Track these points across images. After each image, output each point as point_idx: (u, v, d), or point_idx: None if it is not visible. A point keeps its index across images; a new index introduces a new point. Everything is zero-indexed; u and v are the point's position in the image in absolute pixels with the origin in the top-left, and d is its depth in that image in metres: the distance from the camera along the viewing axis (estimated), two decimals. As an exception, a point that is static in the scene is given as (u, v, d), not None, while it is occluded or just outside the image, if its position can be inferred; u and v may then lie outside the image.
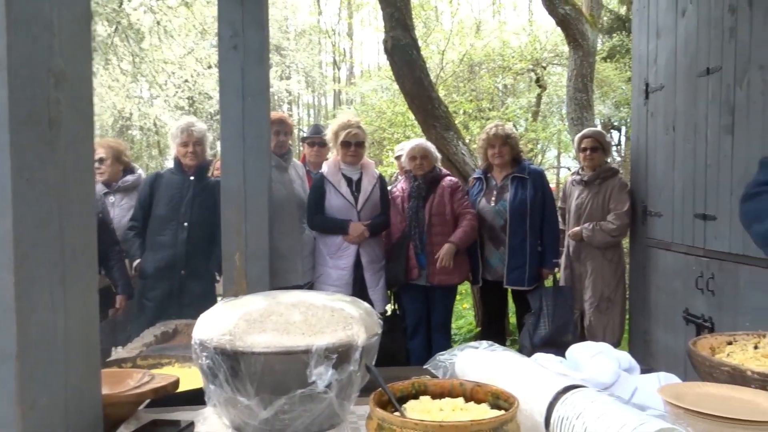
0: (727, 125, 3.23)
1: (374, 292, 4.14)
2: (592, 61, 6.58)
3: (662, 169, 3.96)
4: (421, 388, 0.96)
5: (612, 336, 4.30)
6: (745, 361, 1.09)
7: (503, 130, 4.28)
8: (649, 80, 4.13)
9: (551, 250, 4.23)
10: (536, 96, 12.30)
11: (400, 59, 5.10)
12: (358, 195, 4.13)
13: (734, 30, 3.16)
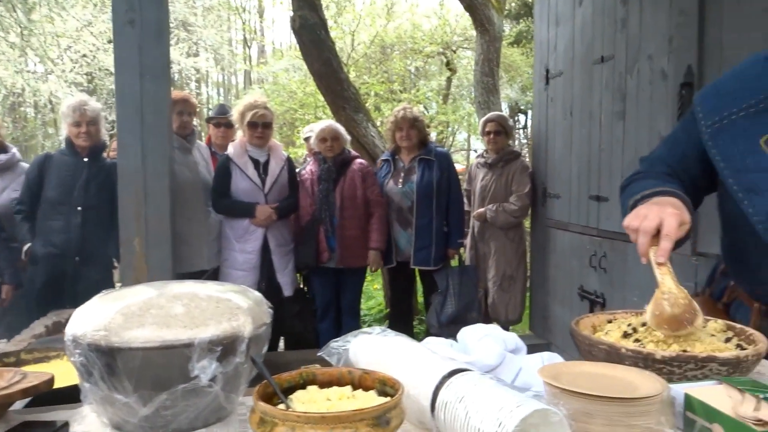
0: (619, 111, 3.40)
1: (283, 275, 4.09)
2: (498, 46, 6.73)
3: (561, 153, 4.12)
4: (309, 377, 0.95)
5: (513, 312, 4.48)
6: (620, 339, 1.15)
7: (411, 113, 4.31)
8: (549, 66, 4.27)
9: (457, 231, 4.33)
10: (446, 79, 12.50)
11: (308, 39, 5.02)
12: (266, 177, 4.05)
13: (626, 20, 3.31)
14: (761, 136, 1.29)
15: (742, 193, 1.30)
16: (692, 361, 1.02)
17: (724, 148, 1.34)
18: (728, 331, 1.21)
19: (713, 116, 1.37)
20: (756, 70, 1.34)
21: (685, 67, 2.75)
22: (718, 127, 1.35)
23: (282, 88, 11.57)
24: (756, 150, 1.29)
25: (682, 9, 2.77)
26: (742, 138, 1.31)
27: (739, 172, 1.31)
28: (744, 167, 1.30)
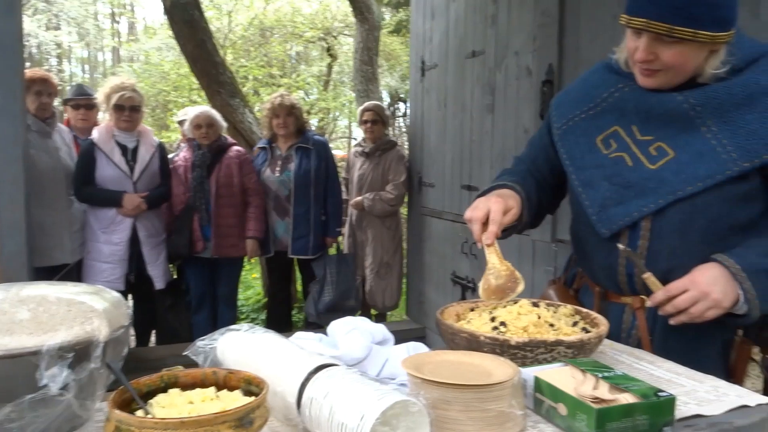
0: (488, 104, 3.56)
1: (153, 267, 3.92)
2: (377, 34, 6.80)
3: (435, 143, 4.26)
4: (171, 380, 0.92)
5: (390, 299, 4.59)
6: (480, 326, 1.22)
7: (288, 101, 4.26)
8: (425, 58, 4.38)
9: (334, 220, 4.36)
10: (327, 65, 12.44)
11: (180, 19, 4.80)
12: (135, 165, 3.84)
13: (495, 17, 3.47)
14: (597, 136, 1.42)
15: (581, 187, 1.43)
16: (542, 345, 1.10)
17: (569, 148, 1.47)
18: (576, 315, 1.31)
19: (562, 119, 1.51)
20: (597, 77, 1.48)
21: (546, 65, 2.93)
22: (565, 128, 1.49)
23: (154, 67, 10.99)
24: (593, 149, 1.43)
25: (544, 10, 2.94)
26: (583, 138, 1.45)
27: (579, 169, 1.44)
28: (583, 164, 1.44)
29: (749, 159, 1.25)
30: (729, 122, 1.27)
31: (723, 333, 1.34)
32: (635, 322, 1.41)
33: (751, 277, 1.23)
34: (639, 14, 1.23)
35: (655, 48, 1.25)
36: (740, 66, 1.28)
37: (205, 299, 4.25)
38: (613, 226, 1.37)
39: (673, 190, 1.30)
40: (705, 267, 1.27)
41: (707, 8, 1.19)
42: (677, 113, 1.31)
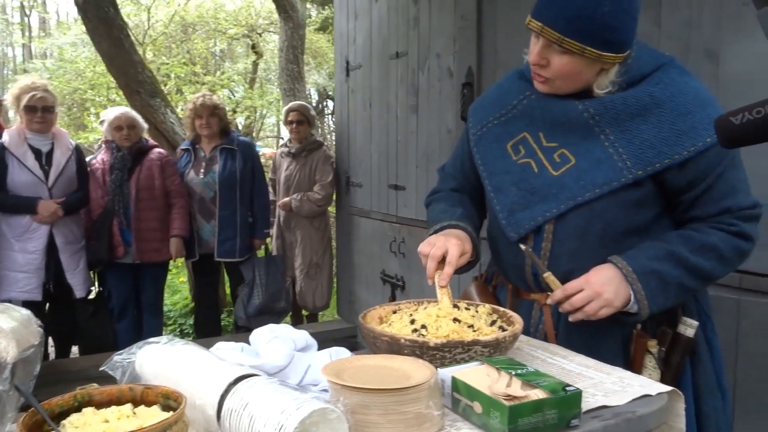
0: (413, 105, 3.61)
1: (73, 275, 3.78)
2: (302, 33, 6.76)
3: (362, 143, 4.28)
4: (84, 399, 0.90)
5: (321, 299, 4.59)
6: (401, 329, 1.24)
7: (210, 101, 4.18)
8: (349, 58, 4.39)
9: (262, 221, 4.31)
10: (252, 63, 12.25)
11: (94, 16, 4.61)
12: (49, 169, 3.69)
13: (417, 19, 3.52)
14: (508, 142, 1.49)
15: (493, 192, 1.50)
16: (460, 345, 1.14)
17: (483, 153, 1.53)
18: (493, 314, 1.36)
19: (477, 125, 1.56)
20: (509, 84, 1.55)
21: (466, 67, 3.01)
22: (480, 134, 1.55)
23: (68, 64, 10.51)
24: (504, 154, 1.49)
25: (463, 14, 3.01)
26: (495, 143, 1.51)
27: (491, 174, 1.51)
28: (495, 170, 1.50)
29: (642, 167, 1.32)
30: (625, 131, 1.34)
31: (622, 328, 1.41)
32: (542, 317, 1.48)
33: (641, 278, 1.30)
34: (537, 17, 1.29)
35: (548, 54, 1.31)
36: (640, 77, 1.35)
37: (129, 306, 4.13)
38: (520, 230, 1.43)
39: (573, 196, 1.37)
40: (600, 268, 1.34)
41: (598, 27, 1.25)
42: (578, 122, 1.37)
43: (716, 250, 1.33)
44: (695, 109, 1.31)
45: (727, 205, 1.34)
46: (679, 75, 1.36)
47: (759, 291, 1.96)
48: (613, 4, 1.25)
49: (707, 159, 1.30)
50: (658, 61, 1.38)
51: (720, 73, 2.04)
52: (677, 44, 2.16)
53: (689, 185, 1.33)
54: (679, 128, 1.31)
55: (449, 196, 1.64)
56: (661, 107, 1.32)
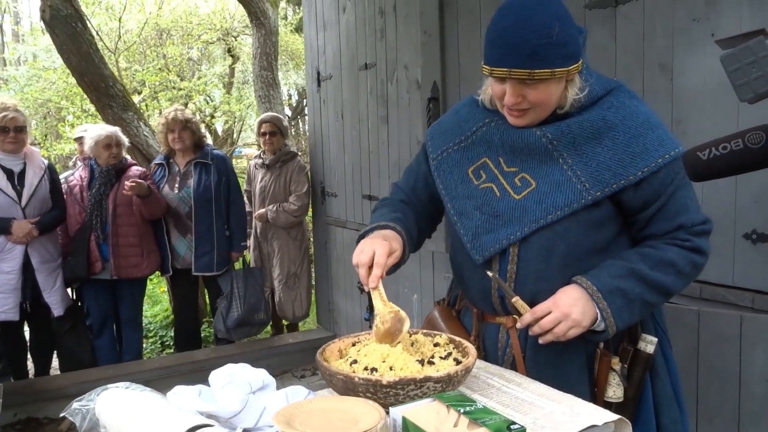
0: (383, 116, 3.63)
1: (50, 294, 3.79)
2: (275, 39, 6.74)
3: (335, 153, 4.30)
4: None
5: (300, 309, 4.60)
6: (346, 365, 1.27)
7: (183, 115, 4.18)
8: (320, 69, 4.40)
9: (239, 234, 4.31)
10: (229, 67, 12.18)
11: (62, 32, 4.58)
12: (22, 189, 3.68)
13: (384, 31, 3.54)
14: (468, 167, 1.52)
15: (456, 216, 1.52)
16: (412, 383, 1.16)
17: (444, 178, 1.56)
18: (450, 344, 1.39)
19: (437, 150, 1.59)
20: (466, 111, 1.58)
21: (431, 82, 3.03)
22: (440, 159, 1.57)
23: (42, 72, 10.36)
24: (465, 179, 1.52)
25: (425, 29, 3.04)
26: (456, 169, 1.54)
27: (454, 198, 1.53)
28: (457, 194, 1.53)
29: (601, 188, 1.37)
30: (582, 154, 1.39)
31: (586, 346, 1.46)
32: (509, 340, 1.51)
33: (606, 296, 1.35)
34: (499, 65, 1.32)
35: (521, 90, 1.34)
36: (592, 101, 1.40)
37: (108, 322, 4.13)
38: (485, 253, 1.46)
39: (536, 219, 1.41)
40: (566, 289, 1.38)
41: (556, 48, 1.28)
42: (537, 147, 1.41)
43: (674, 265, 1.38)
44: (646, 132, 1.37)
45: (680, 221, 1.39)
46: (628, 99, 1.42)
47: (718, 301, 2.01)
48: (560, 21, 1.29)
49: (659, 179, 1.36)
50: (607, 85, 1.43)
51: (674, 85, 2.09)
52: (632, 57, 2.20)
53: (645, 204, 1.39)
54: (632, 150, 1.36)
55: (393, 204, 1.65)
56: (614, 130, 1.37)
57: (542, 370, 1.43)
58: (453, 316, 1.68)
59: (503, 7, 1.33)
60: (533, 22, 1.27)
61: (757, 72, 1.12)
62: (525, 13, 1.28)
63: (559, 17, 1.29)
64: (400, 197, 1.69)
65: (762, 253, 1.89)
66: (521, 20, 1.28)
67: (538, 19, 1.27)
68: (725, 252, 1.96)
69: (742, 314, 1.91)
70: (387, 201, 1.69)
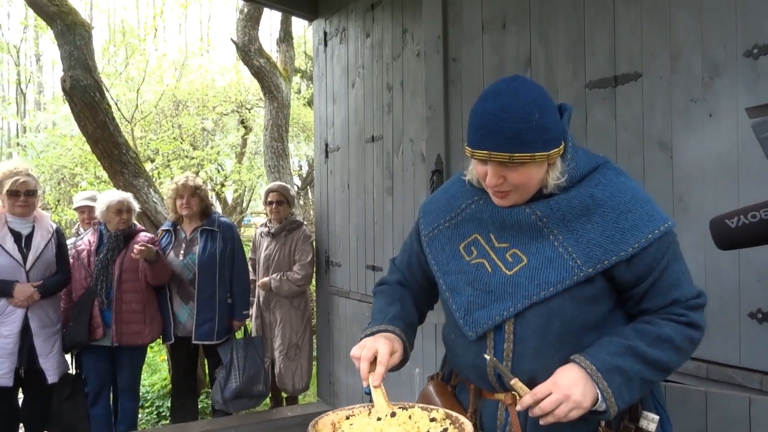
0: (388, 187, 3.67)
1: (46, 360, 3.73)
2: (287, 112, 6.92)
3: (340, 223, 4.32)
4: None
5: (300, 381, 4.51)
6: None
7: (192, 182, 4.24)
8: (328, 140, 4.50)
9: (241, 302, 4.28)
10: (242, 138, 12.47)
11: (80, 101, 4.73)
12: (28, 252, 3.70)
13: (391, 105, 3.63)
14: (460, 243, 1.53)
15: (448, 291, 1.52)
16: (405, 461, 1.13)
17: (436, 254, 1.57)
18: (446, 419, 1.36)
19: (429, 227, 1.61)
20: (455, 188, 1.60)
21: (435, 155, 3.08)
22: (432, 236, 1.59)
23: (59, 139, 10.64)
24: (457, 255, 1.53)
25: (431, 104, 3.12)
26: (448, 245, 1.55)
27: (446, 274, 1.54)
28: (448, 269, 1.53)
29: (592, 265, 1.37)
30: (572, 231, 1.39)
31: (587, 425, 1.41)
32: (508, 417, 1.47)
33: (605, 376, 1.33)
34: (480, 147, 1.35)
35: (502, 172, 1.36)
36: (579, 178, 1.42)
37: (104, 389, 4.04)
38: (478, 329, 1.45)
39: (529, 295, 1.40)
40: (565, 369, 1.36)
41: (536, 133, 1.31)
42: (527, 224, 1.42)
43: (670, 341, 1.37)
44: (635, 207, 1.38)
45: (674, 296, 1.39)
46: (615, 176, 1.44)
47: (725, 382, 1.96)
48: (540, 108, 1.32)
49: (651, 254, 1.36)
50: (594, 162, 1.45)
51: (674, 163, 2.11)
52: (632, 135, 2.24)
53: (637, 280, 1.39)
54: (621, 226, 1.37)
55: (391, 292, 1.69)
56: (602, 207, 1.39)
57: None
58: (448, 391, 1.64)
59: (486, 93, 1.37)
60: (513, 108, 1.30)
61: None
62: (505, 99, 1.32)
63: (538, 104, 1.32)
64: (396, 278, 1.73)
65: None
66: (502, 106, 1.31)
67: (518, 106, 1.30)
68: (731, 331, 1.93)
69: (751, 396, 1.86)
70: (384, 287, 1.73)
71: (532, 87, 1.36)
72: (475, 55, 2.90)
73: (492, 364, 1.41)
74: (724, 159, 1.97)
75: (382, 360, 1.39)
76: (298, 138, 13.21)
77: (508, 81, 1.37)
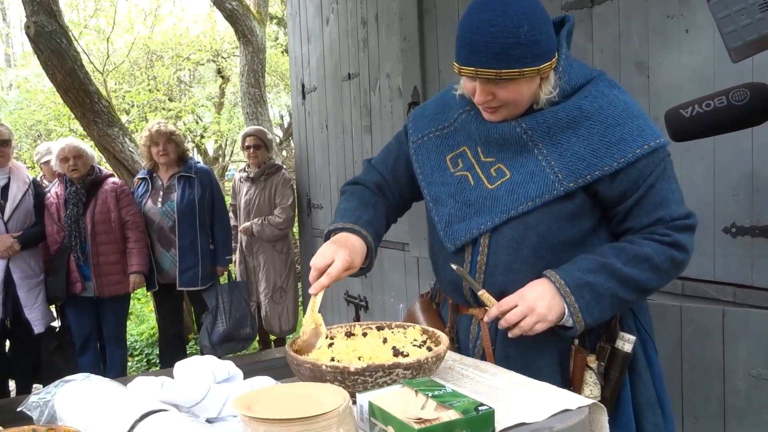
0: (366, 125, 3.63)
1: (31, 310, 3.73)
2: (262, 57, 6.77)
3: (320, 165, 4.29)
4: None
5: (287, 323, 4.55)
6: (320, 355, 1.24)
7: (166, 128, 4.15)
8: (304, 81, 4.41)
9: (224, 248, 4.26)
10: (219, 87, 12.22)
11: (47, 48, 4.57)
12: (5, 203, 3.65)
13: (366, 41, 3.55)
14: (446, 155, 1.49)
15: (432, 203, 1.50)
16: (380, 369, 1.13)
17: (421, 163, 1.53)
18: (423, 335, 1.37)
19: (417, 134, 1.55)
20: (447, 99, 1.54)
21: (412, 87, 3.03)
22: (420, 143, 1.54)
23: (32, 95, 10.37)
24: (442, 166, 1.50)
25: (405, 35, 3.05)
26: (434, 154, 1.51)
27: (430, 185, 1.51)
28: (433, 180, 1.50)
29: (574, 179, 1.34)
30: (557, 144, 1.36)
31: (558, 343, 1.41)
32: (480, 332, 1.48)
33: (574, 291, 1.31)
34: (467, 64, 1.29)
35: (491, 89, 1.31)
36: (570, 91, 1.37)
37: (91, 340, 4.05)
38: (456, 242, 1.44)
39: (507, 209, 1.38)
40: (534, 283, 1.35)
41: (525, 48, 1.26)
42: (512, 137, 1.38)
43: (650, 260, 1.34)
44: (624, 121, 1.33)
45: (659, 215, 1.35)
46: (608, 88, 1.38)
47: (699, 297, 1.99)
48: (529, 20, 1.26)
49: (638, 170, 1.32)
50: (588, 75, 1.40)
51: (650, 83, 2.09)
52: (609, 57, 2.21)
53: (621, 196, 1.35)
54: (608, 140, 1.32)
55: (365, 194, 1.58)
56: (590, 120, 1.34)
57: (512, 365, 1.38)
58: (432, 308, 1.65)
59: (473, 5, 1.30)
60: (501, 21, 1.24)
61: (746, 19, 1.10)
62: (493, 12, 1.25)
63: (528, 16, 1.25)
64: (374, 179, 1.62)
65: (742, 246, 1.87)
66: (489, 19, 1.25)
67: (506, 18, 1.24)
68: (705, 247, 1.95)
69: (724, 308, 1.90)
70: (358, 187, 1.62)
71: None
72: (449, -19, 2.83)
73: (460, 274, 1.40)
74: (699, 75, 1.95)
75: (332, 273, 1.33)
76: (277, 87, 12.97)
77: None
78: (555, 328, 1.35)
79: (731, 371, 1.88)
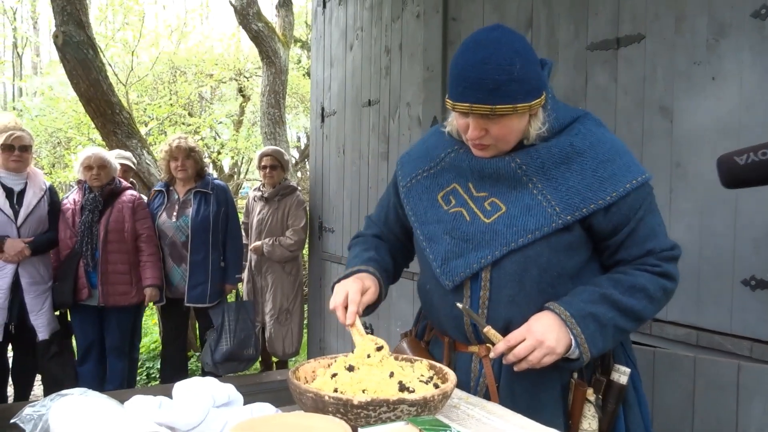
0: (383, 152, 3.63)
1: (37, 316, 3.72)
2: (284, 78, 6.84)
3: (335, 189, 4.28)
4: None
5: (291, 345, 4.51)
6: (323, 385, 1.21)
7: (186, 143, 4.17)
8: (324, 105, 4.43)
9: (234, 266, 4.24)
10: (240, 105, 12.34)
11: (73, 58, 4.64)
12: (19, 209, 3.67)
13: (389, 69, 3.57)
14: (438, 193, 1.51)
15: (425, 241, 1.50)
16: (385, 404, 1.10)
17: (413, 204, 1.55)
18: (431, 370, 1.33)
19: (407, 178, 1.58)
20: (434, 139, 1.58)
21: (431, 117, 3.03)
22: (410, 186, 1.57)
23: (55, 103, 10.51)
24: (434, 204, 1.51)
25: (428, 65, 3.06)
26: (425, 194, 1.53)
27: (423, 224, 1.52)
28: (427, 219, 1.51)
29: (571, 212, 1.36)
30: (551, 179, 1.39)
31: (561, 377, 1.43)
32: (482, 370, 1.47)
33: (579, 322, 1.33)
34: (462, 100, 1.31)
35: (484, 124, 1.34)
36: (559, 129, 1.41)
37: (93, 349, 4.02)
38: (455, 278, 1.44)
39: (507, 242, 1.39)
40: (540, 316, 1.36)
41: (518, 84, 1.29)
42: (506, 172, 1.41)
43: (645, 290, 1.38)
44: (614, 157, 1.39)
45: (649, 247, 1.40)
46: (595, 126, 1.44)
47: (715, 349, 1.94)
48: (521, 59, 1.29)
49: (628, 204, 1.37)
50: (573, 114, 1.45)
51: (674, 128, 2.07)
52: (633, 99, 2.19)
53: (614, 229, 1.39)
54: (600, 175, 1.37)
55: (366, 241, 1.68)
56: (582, 156, 1.39)
57: (517, 401, 1.39)
58: (422, 347, 1.63)
59: (466, 44, 1.34)
60: (495, 59, 1.28)
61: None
62: (486, 50, 1.29)
63: (520, 54, 1.30)
64: (373, 231, 1.71)
65: (761, 300, 1.83)
66: (483, 57, 1.28)
67: (499, 56, 1.28)
68: (723, 298, 1.91)
69: (740, 363, 1.84)
70: (360, 239, 1.71)
71: (513, 36, 1.33)
72: (475, 14, 2.84)
73: (465, 313, 1.41)
74: (724, 123, 1.93)
75: (353, 299, 1.40)
76: (297, 109, 13.09)
77: (488, 30, 1.34)
78: (559, 361, 1.35)
79: (744, 428, 1.82)
